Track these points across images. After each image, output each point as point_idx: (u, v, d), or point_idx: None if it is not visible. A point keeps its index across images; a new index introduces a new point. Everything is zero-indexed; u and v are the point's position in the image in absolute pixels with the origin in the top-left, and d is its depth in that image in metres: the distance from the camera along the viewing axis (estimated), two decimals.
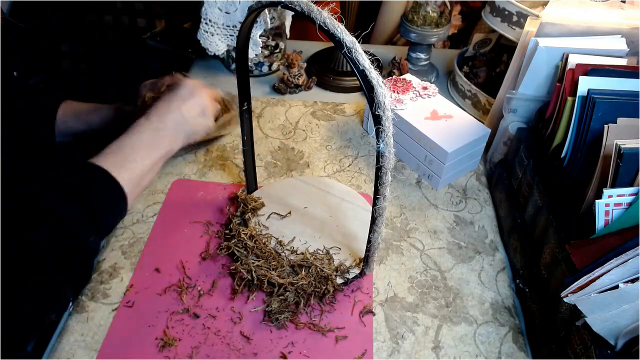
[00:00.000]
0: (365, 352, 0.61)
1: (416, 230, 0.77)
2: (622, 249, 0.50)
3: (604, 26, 0.75)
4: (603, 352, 0.50)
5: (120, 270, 0.69)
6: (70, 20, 1.41)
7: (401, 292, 0.69)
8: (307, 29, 1.23)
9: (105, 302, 0.65)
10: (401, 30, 1.05)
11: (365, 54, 0.46)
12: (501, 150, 0.85)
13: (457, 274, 0.72)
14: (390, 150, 0.50)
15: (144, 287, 0.66)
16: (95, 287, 0.67)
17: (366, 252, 0.64)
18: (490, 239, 0.77)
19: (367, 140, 0.94)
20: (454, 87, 1.06)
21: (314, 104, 1.02)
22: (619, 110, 0.62)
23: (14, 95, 0.73)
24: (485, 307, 0.68)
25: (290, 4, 0.48)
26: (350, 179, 0.85)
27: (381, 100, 0.46)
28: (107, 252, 0.71)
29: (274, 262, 0.67)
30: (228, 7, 0.94)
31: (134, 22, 1.49)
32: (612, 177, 0.56)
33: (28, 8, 1.17)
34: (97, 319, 0.63)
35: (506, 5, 0.86)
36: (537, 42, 0.73)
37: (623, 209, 0.54)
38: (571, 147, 0.66)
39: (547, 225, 0.64)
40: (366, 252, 0.64)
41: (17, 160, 0.69)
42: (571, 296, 0.51)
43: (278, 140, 0.92)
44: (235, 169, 0.85)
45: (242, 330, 0.62)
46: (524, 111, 0.81)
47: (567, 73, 0.69)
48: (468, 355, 0.62)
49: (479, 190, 0.85)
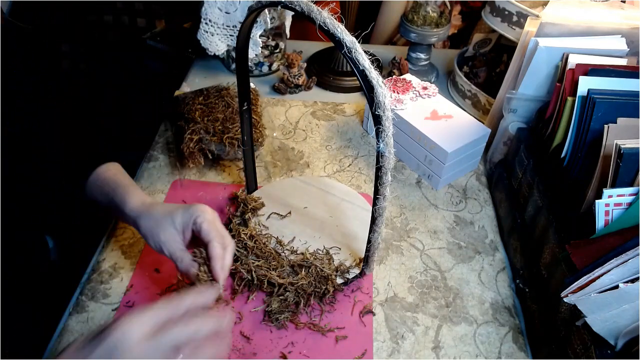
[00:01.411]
0: (365, 352, 0.61)
1: (416, 230, 0.77)
2: (622, 249, 0.50)
3: (604, 26, 0.75)
4: (603, 352, 0.50)
5: (120, 270, 0.69)
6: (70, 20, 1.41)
7: (401, 292, 0.69)
8: (307, 29, 1.23)
9: (105, 302, 0.65)
10: (401, 30, 1.05)
11: (365, 54, 0.46)
12: (501, 150, 0.85)
13: (457, 274, 0.72)
14: (390, 150, 0.50)
15: (144, 287, 0.66)
16: (95, 287, 0.67)
17: (366, 252, 0.64)
18: (490, 239, 0.77)
19: (367, 140, 0.94)
20: (454, 87, 1.06)
21: (314, 104, 1.02)
22: (619, 110, 0.62)
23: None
24: (485, 307, 0.68)
25: (290, 4, 0.48)
26: (350, 179, 0.85)
27: (381, 100, 0.46)
28: (107, 252, 0.71)
29: (274, 262, 0.67)
30: (228, 7, 0.94)
31: (134, 22, 1.49)
32: (612, 177, 0.56)
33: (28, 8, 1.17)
34: (97, 319, 0.63)
35: (506, 5, 0.86)
36: (537, 42, 0.73)
37: (623, 209, 0.54)
38: (571, 147, 0.66)
39: (547, 225, 0.64)
40: (366, 252, 0.64)
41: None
42: (571, 296, 0.51)
43: (278, 140, 0.92)
44: (235, 169, 0.85)
45: (242, 330, 0.62)
46: (524, 111, 0.81)
47: (567, 73, 0.69)
48: (468, 355, 0.62)
49: (479, 190, 0.85)
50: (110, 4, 1.44)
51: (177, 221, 0.57)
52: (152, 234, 0.58)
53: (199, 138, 0.81)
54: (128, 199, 0.61)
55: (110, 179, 0.64)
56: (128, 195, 0.61)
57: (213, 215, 0.58)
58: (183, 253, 0.57)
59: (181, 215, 0.57)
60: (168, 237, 0.57)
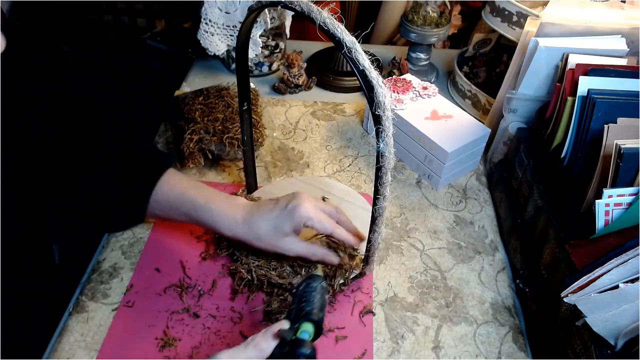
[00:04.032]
0: (365, 352, 0.61)
1: (416, 230, 0.77)
2: (622, 249, 0.50)
3: (604, 26, 0.75)
4: (603, 352, 0.50)
5: (120, 270, 0.69)
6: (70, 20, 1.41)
7: (401, 292, 0.69)
8: (307, 29, 1.23)
9: (105, 302, 0.65)
10: (401, 30, 1.05)
11: (365, 54, 0.46)
12: (501, 150, 0.85)
13: (457, 274, 0.72)
14: (390, 150, 0.50)
15: (144, 287, 0.66)
16: (95, 287, 0.67)
17: (366, 252, 0.64)
18: (490, 239, 0.77)
19: (367, 140, 0.94)
20: (454, 87, 1.06)
21: (314, 104, 1.02)
22: (619, 110, 0.62)
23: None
24: (485, 307, 0.68)
25: (290, 4, 0.48)
26: (350, 179, 0.85)
27: (381, 100, 0.46)
28: (107, 252, 0.71)
29: (274, 262, 0.67)
30: (228, 7, 0.94)
31: (134, 22, 1.49)
32: (612, 177, 0.56)
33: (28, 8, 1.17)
34: (97, 319, 0.63)
35: (506, 5, 0.86)
36: (537, 42, 0.73)
37: (623, 209, 0.54)
38: (571, 147, 0.66)
39: (547, 225, 0.64)
40: (366, 252, 0.64)
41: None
42: (571, 296, 0.51)
43: (278, 140, 0.92)
44: (235, 169, 0.85)
45: (242, 330, 0.62)
46: (524, 111, 0.81)
47: (567, 73, 0.69)
48: (468, 355, 0.62)
49: (479, 190, 0.85)
50: (110, 4, 1.43)
51: (286, 230, 0.60)
52: (267, 245, 0.62)
53: (199, 138, 0.81)
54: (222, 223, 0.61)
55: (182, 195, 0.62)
56: (215, 218, 0.61)
57: (316, 212, 0.61)
58: (310, 248, 0.62)
59: (289, 224, 0.60)
60: (287, 244, 0.61)
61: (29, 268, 0.71)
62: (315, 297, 0.50)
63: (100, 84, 1.31)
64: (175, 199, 0.62)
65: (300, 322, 0.47)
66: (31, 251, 0.72)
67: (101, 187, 0.61)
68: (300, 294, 0.51)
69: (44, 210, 0.65)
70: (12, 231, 0.62)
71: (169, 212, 0.63)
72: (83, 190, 0.63)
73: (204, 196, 0.62)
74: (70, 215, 0.65)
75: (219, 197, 0.62)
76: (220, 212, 0.61)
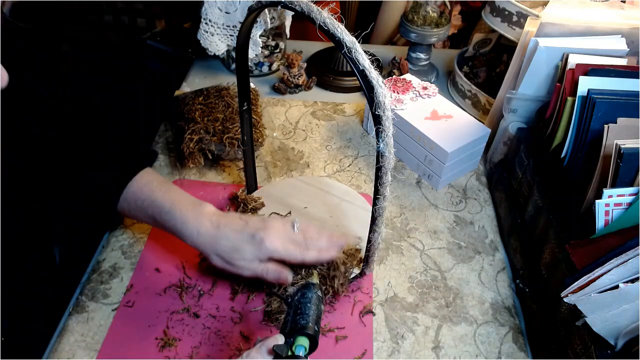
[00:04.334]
0: (365, 352, 0.61)
1: (416, 230, 0.77)
2: (622, 249, 0.50)
3: (604, 26, 0.75)
4: (603, 352, 0.50)
5: (120, 270, 0.69)
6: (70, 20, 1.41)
7: (401, 292, 0.69)
8: (307, 29, 1.23)
9: (105, 302, 0.65)
10: (401, 30, 1.05)
11: (365, 54, 0.46)
12: (501, 150, 0.85)
13: (457, 274, 0.72)
14: (390, 150, 0.50)
15: (144, 287, 0.66)
16: (95, 287, 0.67)
17: (366, 252, 0.64)
18: (490, 239, 0.77)
19: (367, 140, 0.94)
20: (454, 87, 1.06)
21: (314, 104, 1.02)
22: (619, 110, 0.62)
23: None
24: (485, 307, 0.68)
25: (290, 4, 0.48)
26: (350, 179, 0.85)
27: (381, 100, 0.46)
28: (107, 252, 0.71)
29: None
30: (228, 7, 0.94)
31: (134, 22, 1.49)
32: (612, 177, 0.56)
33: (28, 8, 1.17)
34: (97, 319, 0.63)
35: (506, 5, 0.86)
36: (537, 42, 0.73)
37: (623, 209, 0.54)
38: (571, 147, 0.66)
39: (547, 225, 0.64)
40: (366, 252, 0.64)
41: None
42: (571, 296, 0.51)
43: (278, 140, 0.92)
44: (235, 169, 0.85)
45: (242, 330, 0.62)
46: (524, 111, 0.81)
47: (567, 73, 0.69)
48: (468, 355, 0.62)
49: (479, 190, 0.85)
50: (110, 4, 1.43)
51: (247, 257, 0.59)
52: (222, 264, 0.60)
53: (199, 138, 0.81)
54: (185, 232, 0.60)
55: (149, 197, 0.61)
56: (177, 225, 0.60)
57: (283, 244, 0.59)
58: (263, 268, 0.59)
59: (253, 253, 0.59)
60: (242, 267, 0.60)
61: (29, 268, 0.71)
62: (311, 308, 0.50)
63: (100, 84, 1.31)
64: (143, 201, 0.61)
65: (295, 337, 0.47)
66: (31, 251, 0.72)
67: (101, 187, 0.61)
68: (296, 304, 0.50)
69: (44, 211, 0.65)
70: (13, 231, 0.62)
71: (138, 214, 0.62)
72: (83, 190, 0.63)
73: (170, 201, 0.60)
74: (70, 215, 0.65)
75: (185, 203, 0.60)
76: (183, 220, 0.59)
